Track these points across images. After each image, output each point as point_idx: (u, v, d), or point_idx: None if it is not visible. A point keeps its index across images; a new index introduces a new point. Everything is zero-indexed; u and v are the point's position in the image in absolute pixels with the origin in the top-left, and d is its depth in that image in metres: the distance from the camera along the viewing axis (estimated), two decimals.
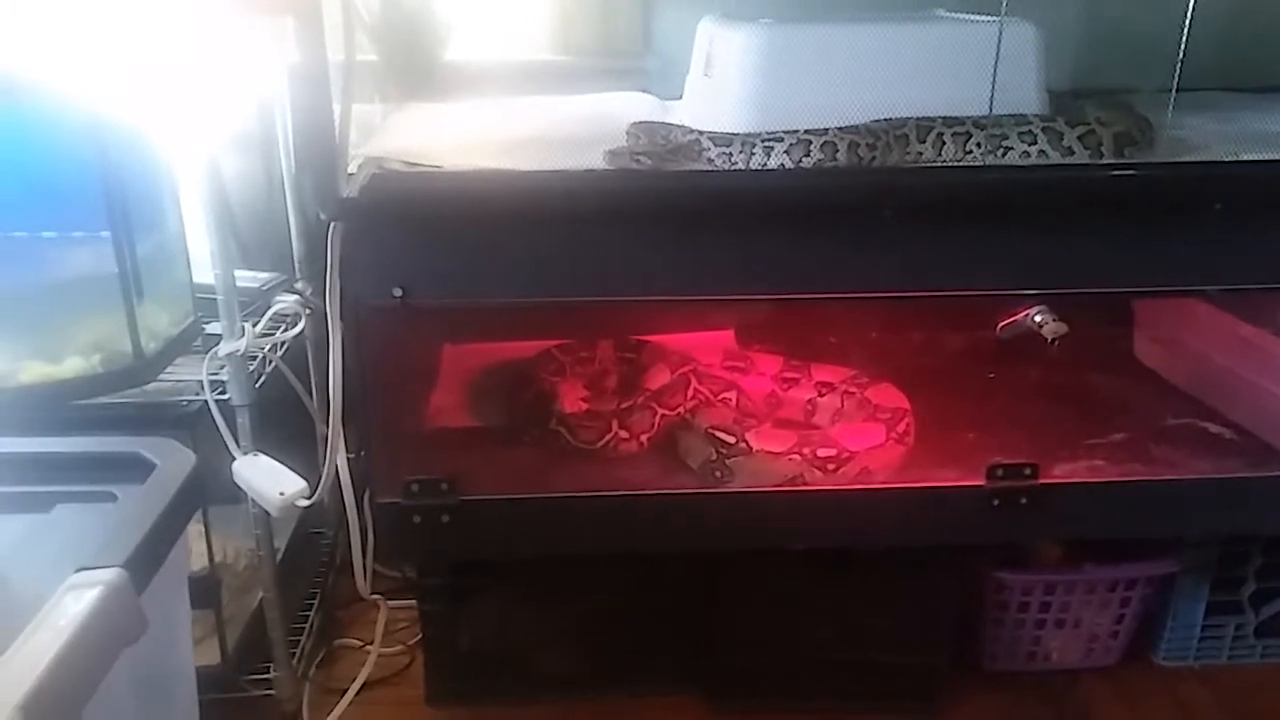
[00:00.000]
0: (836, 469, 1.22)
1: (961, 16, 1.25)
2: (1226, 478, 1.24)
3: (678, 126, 1.15)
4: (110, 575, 0.69)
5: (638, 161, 1.06)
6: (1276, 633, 1.46)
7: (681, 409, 1.31)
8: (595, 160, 1.07)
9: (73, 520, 0.80)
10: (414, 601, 1.42)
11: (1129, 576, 1.39)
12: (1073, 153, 1.11)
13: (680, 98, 1.38)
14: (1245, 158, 1.12)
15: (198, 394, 1.17)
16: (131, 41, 1.08)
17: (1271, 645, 1.47)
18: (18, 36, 1.08)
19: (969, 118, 1.12)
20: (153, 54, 1.08)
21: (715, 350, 1.45)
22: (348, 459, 1.17)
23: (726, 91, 1.21)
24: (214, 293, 1.16)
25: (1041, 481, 1.17)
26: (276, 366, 1.28)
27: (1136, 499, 1.22)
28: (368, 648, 1.43)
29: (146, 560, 0.74)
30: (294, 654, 1.37)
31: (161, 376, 1.16)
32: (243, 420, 1.19)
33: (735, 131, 1.11)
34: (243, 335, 1.16)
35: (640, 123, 1.17)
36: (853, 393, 1.35)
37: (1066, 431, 1.29)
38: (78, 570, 0.69)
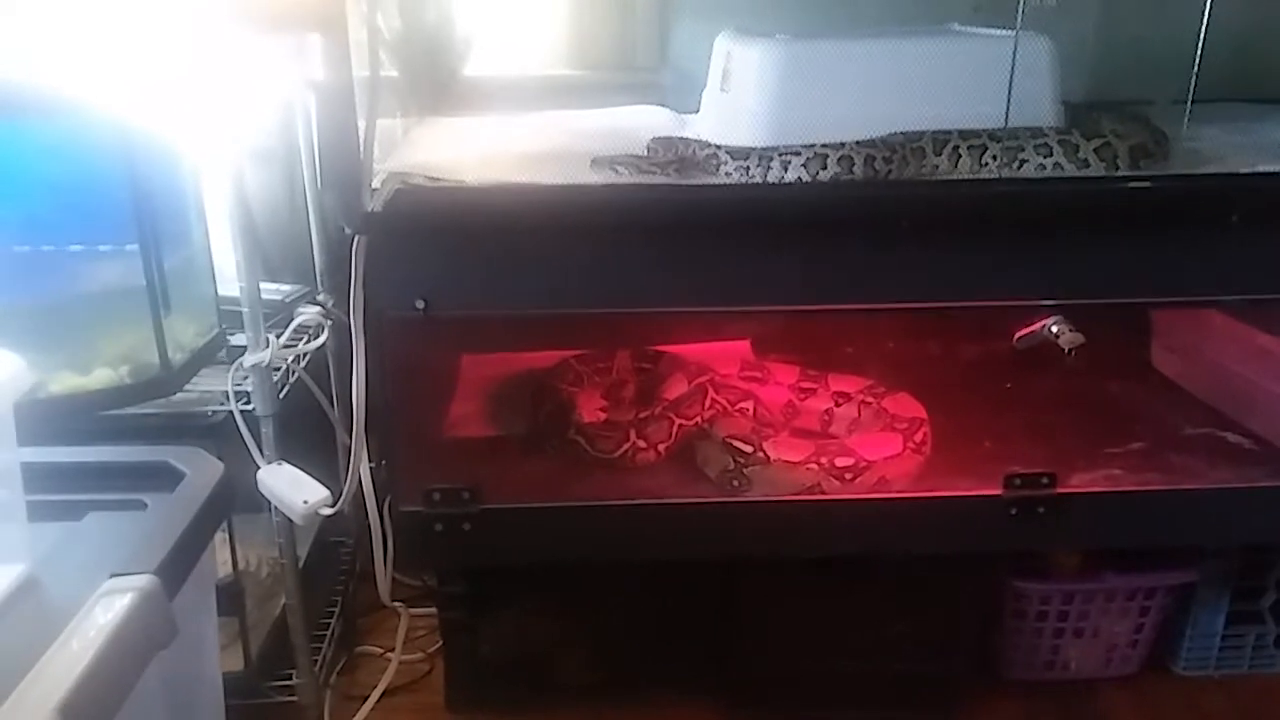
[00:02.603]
0: (854, 478, 1.22)
1: (977, 31, 1.25)
2: (1246, 487, 1.23)
3: (697, 141, 1.16)
4: (143, 581, 0.70)
5: (615, 170, 1.09)
6: None
7: (699, 419, 1.32)
8: (611, 174, 1.09)
9: (104, 528, 0.81)
10: (434, 609, 1.43)
11: (1148, 586, 1.39)
12: (1088, 165, 1.11)
13: (697, 112, 1.40)
14: (1262, 169, 1.12)
15: (223, 404, 1.19)
16: (157, 57, 1.09)
17: None
18: (46, 53, 1.10)
19: (985, 131, 1.13)
20: (179, 70, 1.09)
21: (732, 360, 1.46)
22: (370, 468, 1.19)
23: (743, 106, 1.22)
24: (238, 305, 1.18)
25: (1059, 491, 1.18)
26: (299, 377, 1.30)
27: (1155, 508, 1.22)
28: (388, 655, 1.44)
29: (177, 567, 0.75)
30: (316, 661, 1.38)
31: (187, 387, 1.18)
32: (266, 430, 1.20)
33: (752, 145, 1.12)
34: (267, 347, 1.17)
35: (660, 137, 1.18)
36: (870, 403, 1.35)
37: (1084, 441, 1.29)
38: (111, 576, 0.71)
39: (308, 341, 1.27)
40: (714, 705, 1.39)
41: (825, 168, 1.08)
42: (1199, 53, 1.11)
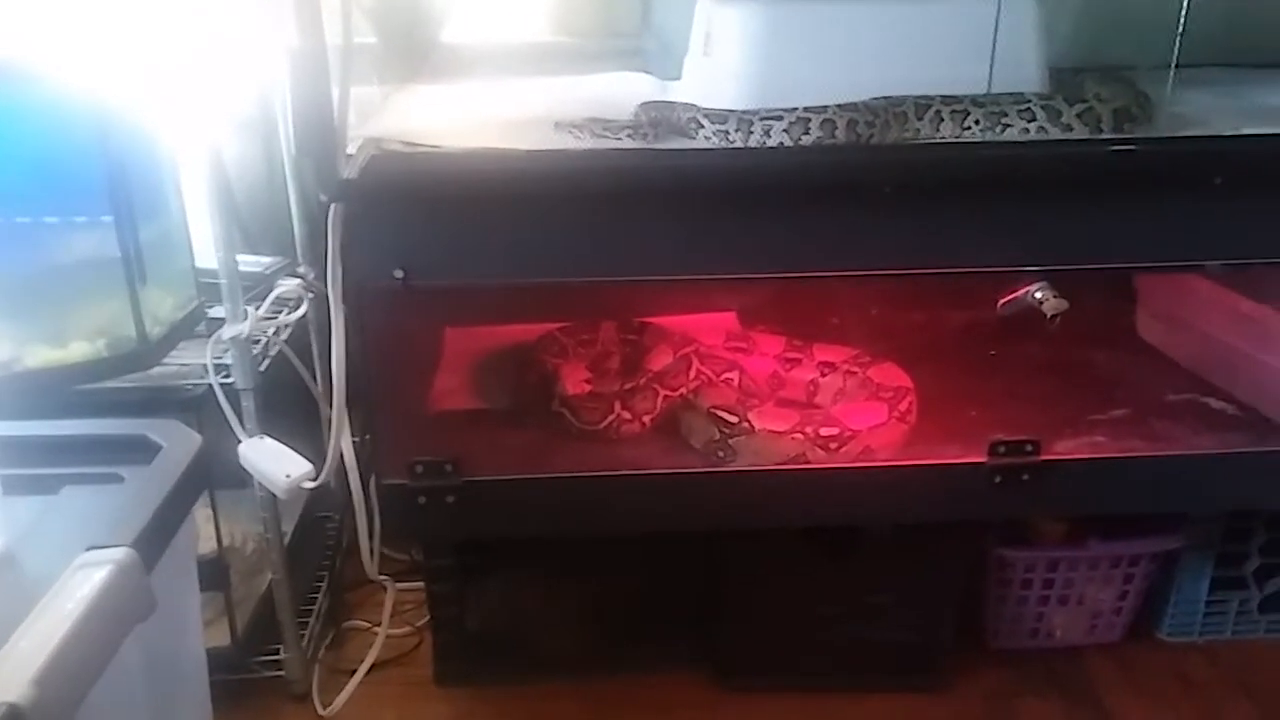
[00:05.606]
0: (839, 448, 1.22)
1: None
2: (1229, 453, 1.24)
3: (683, 104, 1.15)
4: (119, 554, 0.70)
5: (572, 134, 1.09)
6: None
7: (684, 389, 1.31)
8: (594, 141, 1.08)
9: (81, 501, 0.80)
10: (421, 583, 1.43)
11: (1132, 553, 1.40)
12: (1071, 129, 1.10)
13: (679, 78, 1.38)
14: (1246, 132, 1.11)
15: (202, 378, 1.18)
16: (133, 26, 1.08)
17: (1275, 621, 1.48)
18: (20, 22, 1.08)
19: (967, 96, 1.11)
20: (154, 39, 1.08)
21: (718, 331, 1.45)
22: (352, 441, 1.18)
23: (725, 70, 1.20)
24: (217, 277, 1.17)
25: (1043, 458, 1.17)
26: (280, 350, 1.29)
27: (1139, 475, 1.22)
28: (376, 629, 1.44)
29: (154, 539, 0.75)
30: (303, 636, 1.38)
31: (166, 360, 1.17)
32: (247, 403, 1.20)
33: (734, 109, 1.11)
34: (246, 319, 1.16)
35: (647, 103, 1.17)
36: (855, 372, 1.35)
37: (1068, 408, 1.29)
38: (87, 549, 0.70)
39: (288, 313, 1.26)
40: (700, 675, 1.40)
41: (807, 132, 1.07)
42: (1183, 17, 1.10)
